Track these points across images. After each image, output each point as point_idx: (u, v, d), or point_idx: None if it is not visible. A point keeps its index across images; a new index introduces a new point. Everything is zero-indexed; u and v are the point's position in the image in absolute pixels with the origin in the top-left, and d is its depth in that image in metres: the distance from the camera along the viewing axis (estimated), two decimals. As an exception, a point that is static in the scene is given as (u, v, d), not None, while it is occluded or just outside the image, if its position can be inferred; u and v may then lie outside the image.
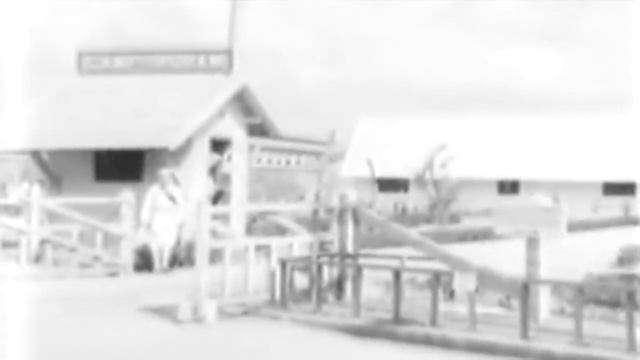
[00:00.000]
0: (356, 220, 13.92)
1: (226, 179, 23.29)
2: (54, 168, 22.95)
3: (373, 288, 13.90)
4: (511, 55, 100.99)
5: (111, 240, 18.66)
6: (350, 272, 13.22)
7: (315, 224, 17.73)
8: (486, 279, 11.81)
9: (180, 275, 17.49)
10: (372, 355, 10.71)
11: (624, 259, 18.30)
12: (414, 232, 15.21)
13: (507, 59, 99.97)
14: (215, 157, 20.65)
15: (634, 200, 48.80)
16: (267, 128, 24.54)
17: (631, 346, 9.90)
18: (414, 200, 48.29)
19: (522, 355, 10.18)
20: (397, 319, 11.73)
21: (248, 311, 12.90)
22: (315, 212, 19.52)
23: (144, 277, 17.95)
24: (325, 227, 15.66)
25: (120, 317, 12.99)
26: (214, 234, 15.54)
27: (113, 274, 18.05)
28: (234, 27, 22.87)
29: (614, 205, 47.58)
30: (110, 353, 10.70)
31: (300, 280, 13.61)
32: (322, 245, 14.34)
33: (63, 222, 18.97)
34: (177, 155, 21.12)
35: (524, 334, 10.61)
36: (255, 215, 21.83)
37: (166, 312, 12.90)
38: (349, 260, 13.72)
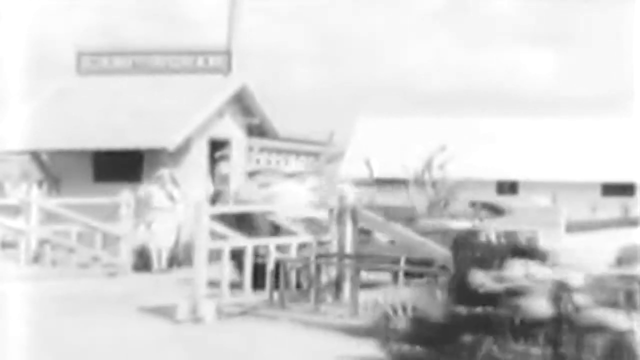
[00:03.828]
0: (355, 221, 13.92)
1: (225, 179, 23.29)
2: (52, 169, 22.95)
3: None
4: (510, 55, 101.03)
5: (110, 241, 18.66)
6: (348, 273, 13.23)
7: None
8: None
9: (179, 275, 17.50)
10: (370, 356, 10.72)
11: (623, 259, 18.26)
12: (412, 233, 15.21)
13: (506, 59, 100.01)
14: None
15: (633, 201, 48.81)
16: (266, 129, 24.54)
17: (630, 346, 9.87)
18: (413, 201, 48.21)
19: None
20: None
21: (246, 311, 12.92)
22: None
23: (143, 278, 17.95)
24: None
25: (119, 317, 13.00)
26: (213, 234, 15.53)
27: (112, 275, 18.05)
28: (233, 27, 22.89)
29: (613, 206, 47.57)
30: (108, 353, 10.71)
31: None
32: (321, 246, 14.35)
33: (62, 222, 18.97)
34: (176, 155, 21.13)
35: (522, 334, 10.59)
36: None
37: (165, 313, 12.91)
38: (347, 261, 13.73)
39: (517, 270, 9.25)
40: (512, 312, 8.80)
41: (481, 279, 9.00)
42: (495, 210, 10.44)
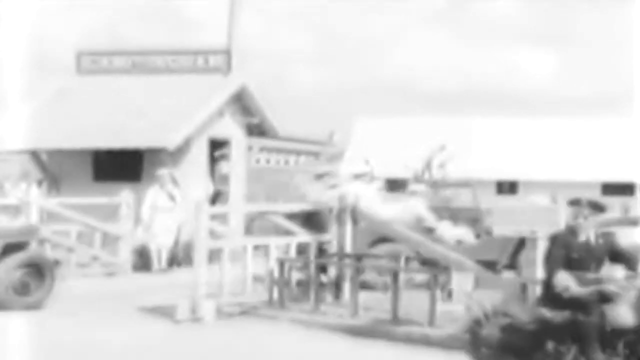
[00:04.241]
0: (355, 221, 13.94)
1: (224, 179, 23.29)
2: (52, 168, 22.94)
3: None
4: (509, 55, 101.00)
5: (110, 241, 18.65)
6: (348, 272, 13.24)
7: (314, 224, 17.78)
8: (484, 278, 11.83)
9: (179, 275, 17.49)
10: (370, 356, 10.72)
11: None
12: (412, 232, 15.22)
13: (506, 59, 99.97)
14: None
15: (633, 200, 48.82)
16: (266, 128, 24.53)
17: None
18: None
19: (520, 355, 10.17)
20: (395, 319, 11.74)
21: (246, 311, 12.92)
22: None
23: (143, 277, 17.95)
24: (323, 227, 15.73)
25: (119, 317, 13.00)
26: (212, 234, 15.55)
27: (111, 274, 18.04)
28: (233, 27, 22.88)
29: (613, 206, 47.53)
30: (108, 353, 10.71)
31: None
32: (321, 246, 14.37)
33: (61, 222, 18.95)
34: (176, 155, 21.12)
35: (522, 334, 10.58)
36: (254, 216, 21.82)
37: (164, 312, 12.91)
38: (347, 260, 13.74)
39: (612, 274, 8.85)
40: (599, 319, 8.36)
41: (566, 282, 8.56)
42: (599, 208, 10.37)
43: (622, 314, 8.34)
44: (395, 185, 55.74)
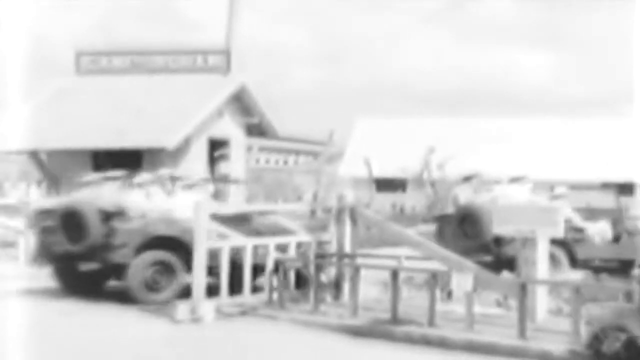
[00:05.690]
0: (354, 221, 13.94)
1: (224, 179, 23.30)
2: (52, 168, 22.95)
3: (371, 288, 13.91)
4: (509, 55, 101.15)
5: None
6: (348, 272, 13.24)
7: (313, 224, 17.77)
8: (484, 278, 11.83)
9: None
10: (369, 356, 10.71)
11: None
12: (412, 232, 15.22)
13: (505, 59, 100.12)
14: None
15: (631, 200, 48.81)
16: (265, 128, 24.55)
17: (629, 346, 9.83)
18: (412, 200, 48.21)
19: (519, 356, 10.18)
20: (395, 319, 11.73)
21: (246, 311, 12.91)
22: (313, 212, 19.59)
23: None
24: (323, 227, 15.70)
25: (119, 317, 12.99)
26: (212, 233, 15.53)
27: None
28: (232, 27, 22.90)
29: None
30: (108, 353, 10.70)
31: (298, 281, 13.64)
32: (320, 245, 14.36)
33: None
34: (176, 155, 21.14)
35: (522, 334, 10.61)
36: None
37: (164, 313, 12.90)
38: (346, 260, 13.73)
39: None
40: None
41: None
42: None
43: None
44: (393, 185, 55.78)
